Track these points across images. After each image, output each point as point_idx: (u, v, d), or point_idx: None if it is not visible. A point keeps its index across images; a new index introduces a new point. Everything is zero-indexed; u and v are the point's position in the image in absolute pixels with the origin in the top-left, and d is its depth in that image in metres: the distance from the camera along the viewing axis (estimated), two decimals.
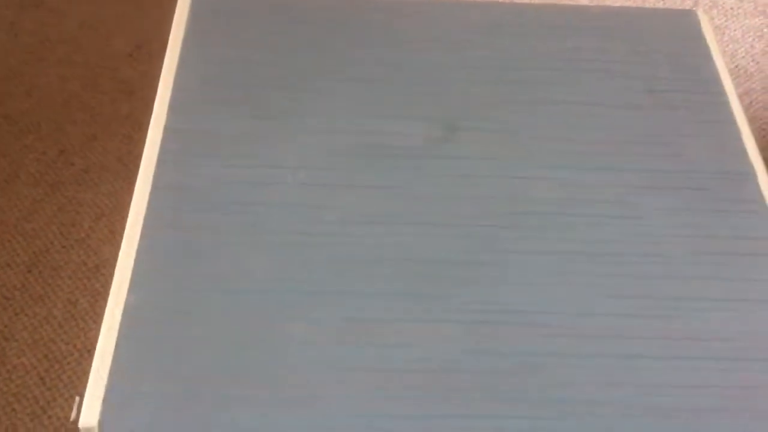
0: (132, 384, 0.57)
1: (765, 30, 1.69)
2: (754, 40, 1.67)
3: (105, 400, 0.56)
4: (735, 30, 1.69)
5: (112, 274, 1.28)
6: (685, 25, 0.88)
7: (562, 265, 0.67)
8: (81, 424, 0.55)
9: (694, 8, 1.36)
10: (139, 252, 0.64)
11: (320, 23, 0.83)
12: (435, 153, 0.73)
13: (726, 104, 0.80)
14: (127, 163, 1.40)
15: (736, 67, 1.62)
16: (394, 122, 0.75)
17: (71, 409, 1.11)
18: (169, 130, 0.72)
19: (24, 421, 1.10)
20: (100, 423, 0.55)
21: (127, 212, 0.65)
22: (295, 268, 0.63)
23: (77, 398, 0.64)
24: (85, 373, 1.15)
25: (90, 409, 0.55)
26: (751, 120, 1.51)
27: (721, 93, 0.81)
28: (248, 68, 0.78)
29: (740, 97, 0.81)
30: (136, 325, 0.60)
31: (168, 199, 0.68)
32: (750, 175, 0.75)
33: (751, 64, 1.63)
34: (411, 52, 0.81)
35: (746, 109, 1.53)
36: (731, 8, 1.72)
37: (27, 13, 1.70)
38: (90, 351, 1.17)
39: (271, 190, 0.69)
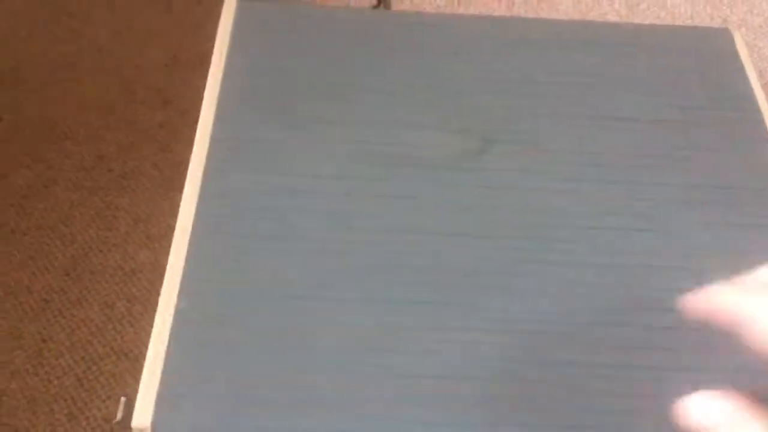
0: (183, 385, 0.59)
1: None
2: None
3: (157, 402, 0.58)
4: (764, 47, 1.69)
5: (148, 279, 1.30)
6: (719, 42, 0.89)
7: (587, 276, 0.68)
8: (134, 424, 0.57)
9: (723, 26, 1.37)
10: (188, 258, 0.66)
11: (358, 38, 0.85)
12: (463, 164, 0.75)
13: (760, 121, 0.81)
14: (163, 169, 1.43)
15: (766, 84, 1.62)
16: (425, 134, 0.77)
17: (108, 410, 1.14)
18: (214, 140, 0.74)
19: (62, 421, 1.13)
20: (153, 424, 0.57)
21: (164, 218, 0.67)
22: (331, 275, 0.65)
23: (123, 399, 0.65)
24: (122, 375, 1.18)
25: (143, 410, 0.57)
26: None
27: (755, 110, 0.82)
28: (289, 80, 0.80)
29: None
30: (186, 329, 0.62)
31: (214, 206, 0.70)
32: None
33: None
34: (441, 66, 0.83)
35: None
36: (760, 26, 1.73)
37: (63, 22, 1.73)
38: (126, 354, 1.20)
39: (307, 199, 0.71)
